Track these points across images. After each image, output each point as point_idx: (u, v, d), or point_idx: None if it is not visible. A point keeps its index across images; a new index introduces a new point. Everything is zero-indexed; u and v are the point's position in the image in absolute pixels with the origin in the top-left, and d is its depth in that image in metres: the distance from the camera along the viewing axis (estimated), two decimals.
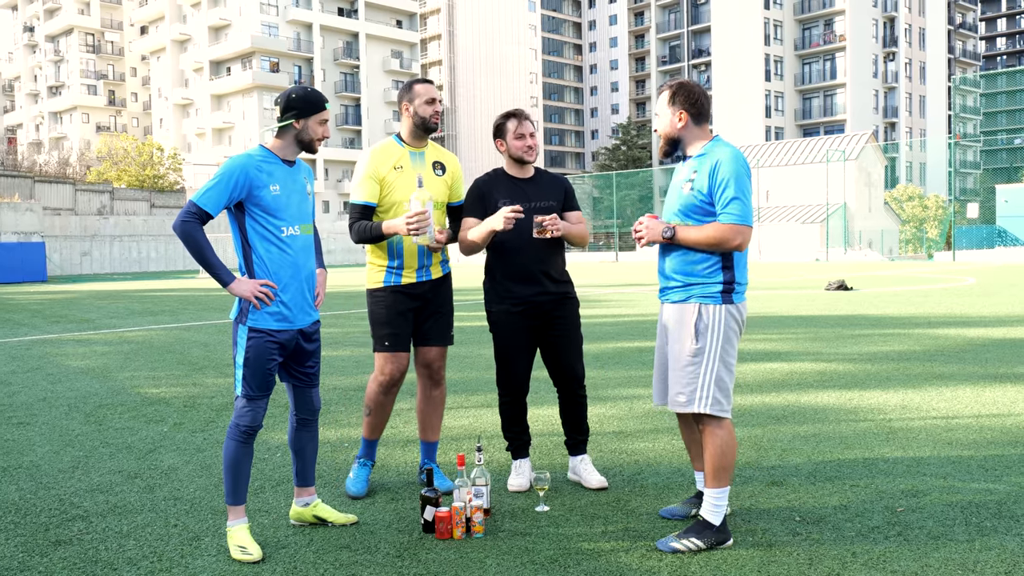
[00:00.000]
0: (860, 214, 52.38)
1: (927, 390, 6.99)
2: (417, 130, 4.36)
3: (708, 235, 3.55)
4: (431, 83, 4.44)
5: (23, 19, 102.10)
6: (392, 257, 4.33)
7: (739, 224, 3.53)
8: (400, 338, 4.37)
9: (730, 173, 3.54)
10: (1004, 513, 3.91)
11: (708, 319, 3.59)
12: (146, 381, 8.45)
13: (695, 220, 3.64)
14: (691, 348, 3.59)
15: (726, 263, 3.62)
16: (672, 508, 3.98)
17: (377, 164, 4.30)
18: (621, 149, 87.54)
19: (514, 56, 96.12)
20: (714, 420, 3.62)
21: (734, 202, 3.53)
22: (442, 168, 4.46)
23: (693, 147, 3.75)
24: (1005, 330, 10.99)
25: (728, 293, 3.61)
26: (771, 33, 75.67)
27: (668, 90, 3.77)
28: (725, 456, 3.58)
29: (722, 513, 3.58)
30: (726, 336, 3.60)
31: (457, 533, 3.74)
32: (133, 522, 4.07)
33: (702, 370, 3.58)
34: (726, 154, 3.60)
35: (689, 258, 3.64)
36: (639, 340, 10.70)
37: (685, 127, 3.73)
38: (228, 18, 74.91)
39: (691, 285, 3.64)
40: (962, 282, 22.18)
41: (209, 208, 3.54)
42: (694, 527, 3.57)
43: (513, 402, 4.47)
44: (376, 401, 4.43)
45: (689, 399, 3.60)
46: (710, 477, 3.60)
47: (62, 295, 25.13)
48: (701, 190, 3.61)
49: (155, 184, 58.74)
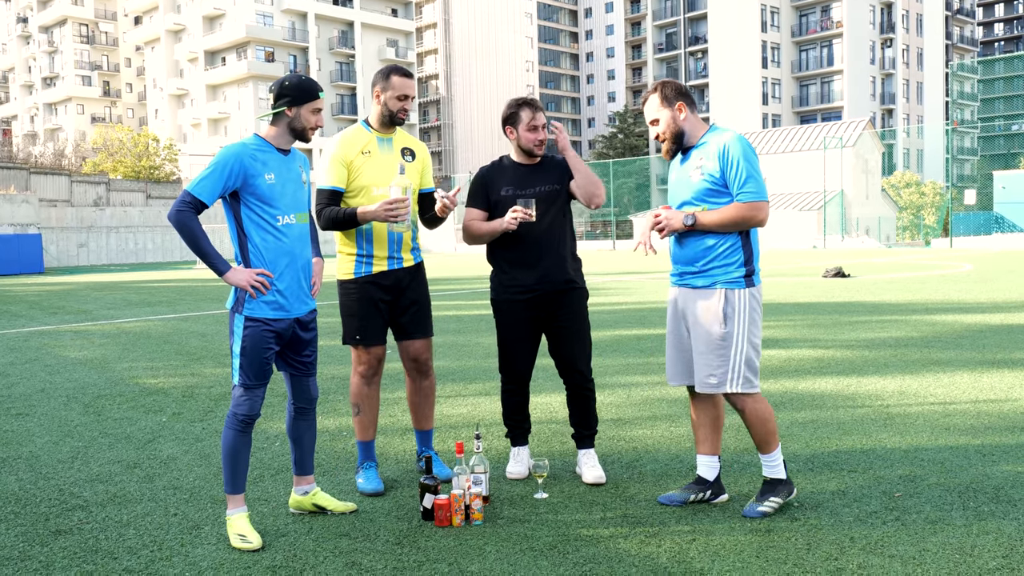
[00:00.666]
0: (857, 201, 52.36)
1: (925, 376, 7.00)
2: (384, 119, 4.33)
3: (731, 215, 3.68)
4: (410, 77, 4.37)
5: (16, 10, 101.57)
6: (361, 245, 4.26)
7: (758, 200, 3.67)
8: (371, 331, 4.30)
9: (739, 153, 3.67)
10: (1001, 498, 3.92)
11: (735, 303, 3.72)
12: (144, 371, 8.45)
13: (709, 203, 3.74)
14: (720, 332, 3.73)
15: (744, 242, 3.75)
16: (671, 494, 4.00)
17: (345, 149, 4.25)
18: (618, 137, 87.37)
19: (510, 44, 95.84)
20: (750, 396, 3.78)
21: (749, 180, 3.67)
22: (411, 154, 4.41)
23: (694, 136, 3.84)
24: (1002, 316, 11.00)
25: (750, 276, 3.76)
26: (768, 20, 75.45)
27: (655, 93, 3.86)
28: (767, 423, 3.79)
29: (783, 468, 3.83)
30: (751, 318, 3.75)
31: (456, 520, 3.74)
32: (133, 511, 4.07)
33: (732, 352, 3.73)
34: (730, 137, 3.72)
35: (706, 243, 3.75)
36: (636, 328, 10.70)
37: (686, 117, 3.83)
38: (222, 7, 74.58)
39: (712, 270, 3.75)
40: (959, 268, 22.21)
41: (204, 197, 3.53)
42: (767, 488, 3.80)
43: (515, 390, 4.46)
44: (361, 394, 4.39)
45: (720, 381, 3.75)
46: (762, 445, 3.82)
47: (59, 286, 25.10)
48: (713, 173, 3.72)
49: (151, 175, 58.62)
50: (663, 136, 3.86)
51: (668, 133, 3.84)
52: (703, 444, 4.02)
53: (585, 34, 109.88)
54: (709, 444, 4.01)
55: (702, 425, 4.02)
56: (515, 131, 4.39)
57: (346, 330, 4.35)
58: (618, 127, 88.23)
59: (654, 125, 3.88)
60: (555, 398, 6.27)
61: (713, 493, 3.97)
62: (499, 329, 4.45)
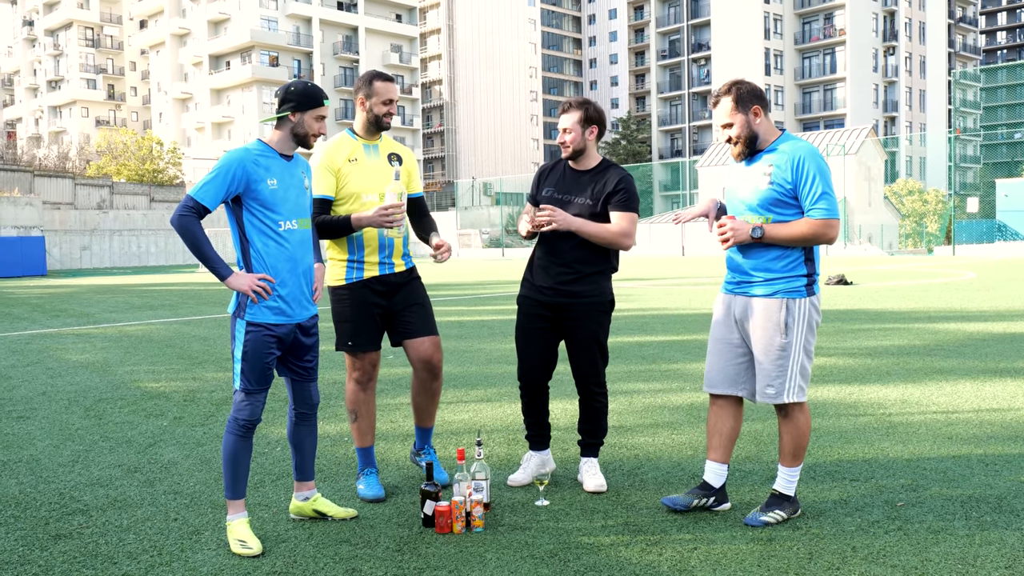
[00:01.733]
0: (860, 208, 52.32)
1: (927, 385, 6.98)
2: (370, 126, 4.33)
3: (801, 231, 3.63)
4: (392, 81, 4.36)
5: (22, 13, 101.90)
6: (352, 250, 4.25)
7: (831, 218, 3.62)
8: (364, 337, 4.29)
9: (815, 168, 3.62)
10: (1004, 508, 3.91)
11: (796, 312, 3.70)
12: (146, 375, 8.45)
13: (775, 213, 3.68)
14: (780, 343, 3.70)
15: (808, 256, 3.73)
16: (675, 497, 3.97)
17: (331, 157, 4.25)
18: (621, 143, 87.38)
19: (514, 50, 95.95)
20: (797, 406, 3.77)
21: (824, 197, 3.62)
22: (398, 160, 4.41)
23: (765, 140, 3.77)
24: (1005, 324, 10.98)
25: (811, 285, 3.73)
26: (771, 27, 75.57)
27: (728, 95, 3.76)
28: (804, 436, 3.79)
29: (794, 487, 3.82)
30: (810, 327, 3.74)
31: (457, 527, 3.73)
32: (133, 516, 4.06)
33: (790, 363, 3.71)
34: (807, 150, 3.65)
35: (772, 255, 3.71)
36: (639, 335, 10.69)
37: (761, 121, 3.77)
38: (227, 12, 74.80)
39: (774, 280, 3.70)
40: (962, 277, 22.18)
41: (206, 202, 3.53)
42: (774, 501, 3.78)
43: (525, 390, 4.44)
44: (357, 400, 4.37)
45: (778, 391, 3.73)
46: (790, 456, 3.80)
47: (62, 289, 25.12)
48: (783, 184, 3.65)
49: (155, 178, 58.74)
50: (737, 139, 3.76)
51: (743, 137, 3.75)
52: (716, 451, 3.98)
53: (589, 40, 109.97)
54: (722, 452, 3.97)
55: (718, 432, 3.98)
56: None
57: (339, 336, 4.34)
58: (621, 133, 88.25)
59: (727, 128, 3.79)
60: (557, 404, 6.26)
61: (717, 500, 3.96)
62: (516, 327, 4.47)
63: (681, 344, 9.82)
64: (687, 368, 8.14)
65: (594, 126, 4.29)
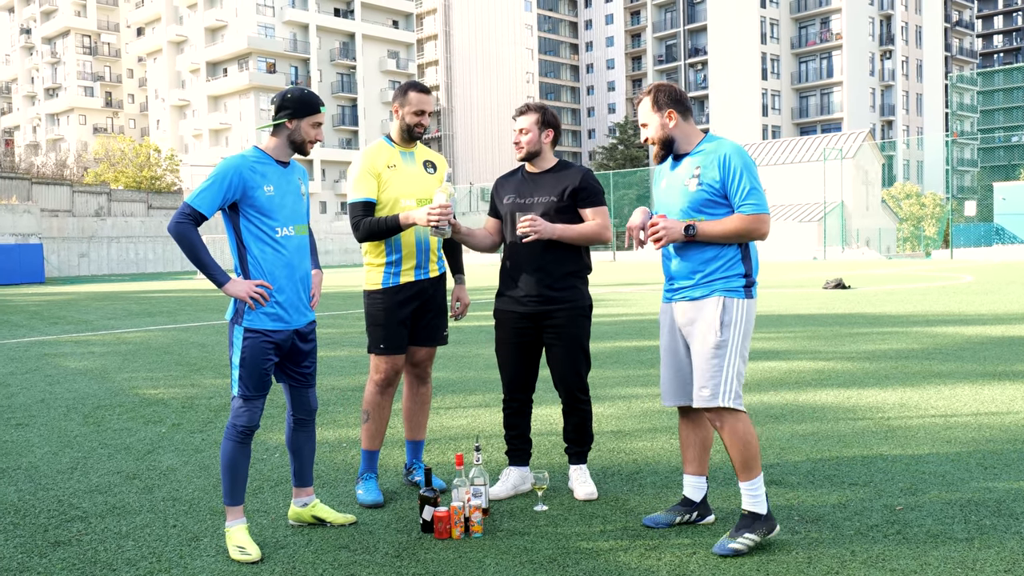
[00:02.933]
0: (858, 212, 52.40)
1: (925, 388, 6.99)
2: (404, 134, 4.42)
3: (733, 227, 3.59)
4: (427, 93, 4.43)
5: (20, 21, 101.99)
6: (390, 252, 4.33)
7: (761, 213, 3.59)
8: (395, 340, 4.37)
9: (740, 165, 3.59)
10: (1003, 511, 3.91)
11: (733, 312, 3.62)
12: (144, 382, 8.44)
13: (706, 214, 3.64)
14: (714, 341, 3.60)
15: (744, 254, 3.67)
16: (656, 516, 3.90)
17: (372, 160, 4.35)
18: (618, 148, 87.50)
19: (510, 56, 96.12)
20: (733, 414, 3.61)
21: (752, 192, 3.59)
22: (433, 167, 4.52)
23: (687, 144, 3.75)
24: (1003, 328, 11.00)
25: (749, 288, 3.67)
26: (767, 31, 75.73)
27: (648, 96, 3.78)
28: (749, 446, 3.59)
29: (764, 500, 3.58)
30: (746, 330, 3.65)
31: (456, 533, 3.73)
32: (132, 523, 4.06)
33: (725, 363, 3.60)
34: (731, 147, 3.64)
35: (705, 255, 3.65)
36: (637, 339, 10.69)
37: (676, 125, 3.74)
38: (224, 19, 74.87)
39: (712, 281, 3.65)
40: (960, 280, 22.20)
41: (203, 209, 3.54)
42: (744, 522, 3.54)
43: (510, 401, 4.41)
44: (374, 402, 4.41)
45: (713, 393, 3.59)
46: (741, 470, 3.60)
47: (60, 296, 25.10)
48: (711, 184, 3.62)
49: (152, 185, 58.70)
50: (652, 141, 3.79)
51: (656, 139, 3.77)
52: (691, 464, 3.94)
53: (585, 46, 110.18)
54: (697, 464, 3.92)
55: (691, 445, 3.93)
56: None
57: (371, 339, 4.39)
58: (618, 138, 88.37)
59: (644, 128, 3.82)
60: (555, 410, 6.26)
61: (699, 514, 3.89)
62: (496, 342, 4.43)
63: None
64: None
65: (550, 130, 4.34)
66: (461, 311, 4.59)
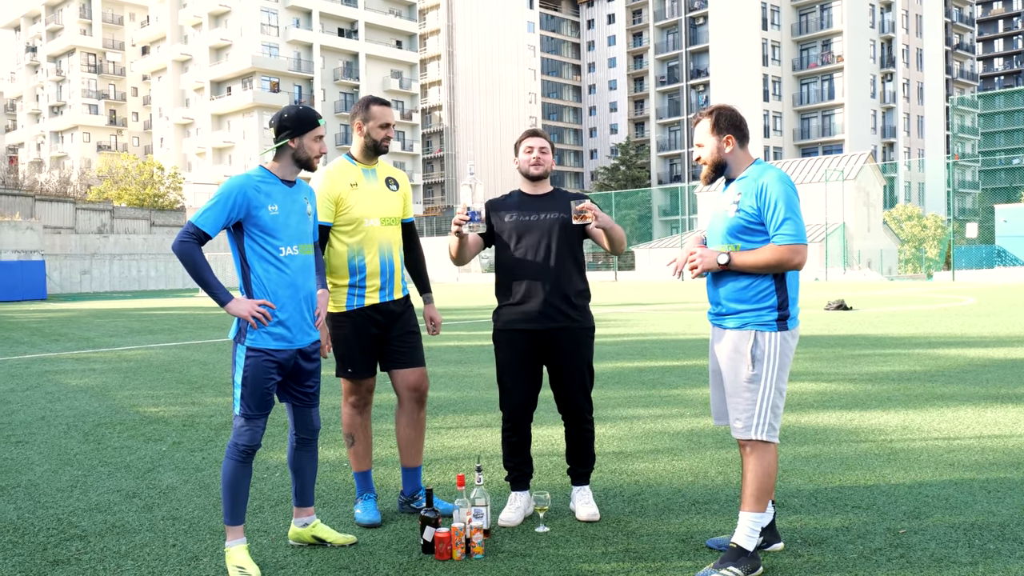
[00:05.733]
0: (859, 234, 52.42)
1: (928, 411, 6.97)
2: (368, 151, 4.38)
3: (766, 258, 3.53)
4: (388, 105, 4.41)
5: (25, 39, 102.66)
6: (354, 273, 4.28)
7: (796, 244, 3.53)
8: (363, 363, 4.33)
9: (779, 193, 3.54)
10: (1007, 535, 3.89)
11: (764, 346, 3.56)
12: (145, 400, 8.43)
13: (743, 241, 3.62)
14: (747, 375, 3.56)
15: (779, 285, 3.61)
16: (720, 539, 3.85)
17: (332, 184, 4.28)
18: (620, 169, 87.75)
19: (513, 76, 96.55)
20: (763, 444, 3.57)
21: (787, 222, 3.52)
22: (395, 184, 4.48)
23: (737, 169, 3.73)
24: (1006, 350, 10.97)
25: (783, 320, 3.59)
26: (769, 53, 76.08)
27: (709, 118, 3.74)
28: (769, 478, 3.56)
29: (756, 539, 3.54)
30: (781, 363, 3.58)
31: (457, 554, 3.71)
32: (131, 542, 4.04)
33: (759, 397, 3.56)
34: (772, 175, 3.59)
35: (740, 284, 3.61)
36: (639, 360, 10.67)
37: (732, 151, 3.71)
38: (229, 38, 75.35)
39: (745, 312, 3.60)
40: (962, 302, 22.18)
41: (207, 229, 3.55)
42: (729, 555, 3.50)
43: (513, 428, 4.32)
44: (354, 424, 4.40)
45: (746, 426, 3.57)
46: (752, 500, 3.55)
47: (62, 313, 25.10)
48: (748, 211, 3.59)
49: (155, 203, 58.84)
50: (704, 162, 3.75)
51: (710, 161, 3.73)
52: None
53: (588, 67, 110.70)
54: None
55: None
56: (517, 160, 4.44)
57: (339, 363, 4.36)
58: (620, 159, 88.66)
59: (699, 148, 3.78)
60: (557, 431, 6.24)
61: (766, 541, 3.78)
62: (497, 364, 4.37)
63: (681, 369, 9.80)
64: (687, 394, 8.12)
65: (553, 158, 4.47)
66: (435, 331, 4.59)
